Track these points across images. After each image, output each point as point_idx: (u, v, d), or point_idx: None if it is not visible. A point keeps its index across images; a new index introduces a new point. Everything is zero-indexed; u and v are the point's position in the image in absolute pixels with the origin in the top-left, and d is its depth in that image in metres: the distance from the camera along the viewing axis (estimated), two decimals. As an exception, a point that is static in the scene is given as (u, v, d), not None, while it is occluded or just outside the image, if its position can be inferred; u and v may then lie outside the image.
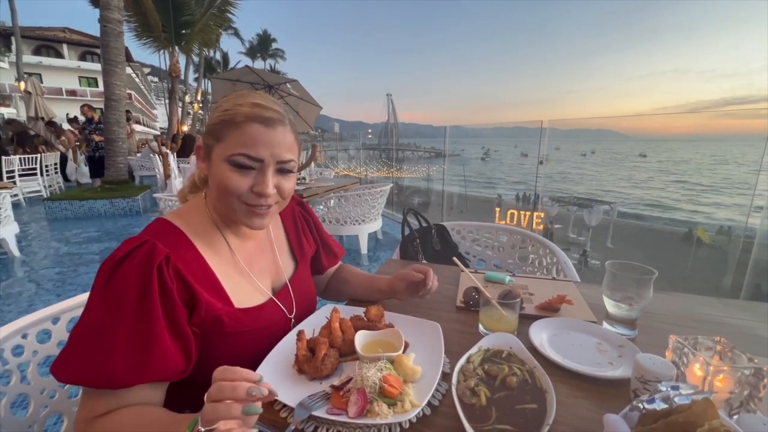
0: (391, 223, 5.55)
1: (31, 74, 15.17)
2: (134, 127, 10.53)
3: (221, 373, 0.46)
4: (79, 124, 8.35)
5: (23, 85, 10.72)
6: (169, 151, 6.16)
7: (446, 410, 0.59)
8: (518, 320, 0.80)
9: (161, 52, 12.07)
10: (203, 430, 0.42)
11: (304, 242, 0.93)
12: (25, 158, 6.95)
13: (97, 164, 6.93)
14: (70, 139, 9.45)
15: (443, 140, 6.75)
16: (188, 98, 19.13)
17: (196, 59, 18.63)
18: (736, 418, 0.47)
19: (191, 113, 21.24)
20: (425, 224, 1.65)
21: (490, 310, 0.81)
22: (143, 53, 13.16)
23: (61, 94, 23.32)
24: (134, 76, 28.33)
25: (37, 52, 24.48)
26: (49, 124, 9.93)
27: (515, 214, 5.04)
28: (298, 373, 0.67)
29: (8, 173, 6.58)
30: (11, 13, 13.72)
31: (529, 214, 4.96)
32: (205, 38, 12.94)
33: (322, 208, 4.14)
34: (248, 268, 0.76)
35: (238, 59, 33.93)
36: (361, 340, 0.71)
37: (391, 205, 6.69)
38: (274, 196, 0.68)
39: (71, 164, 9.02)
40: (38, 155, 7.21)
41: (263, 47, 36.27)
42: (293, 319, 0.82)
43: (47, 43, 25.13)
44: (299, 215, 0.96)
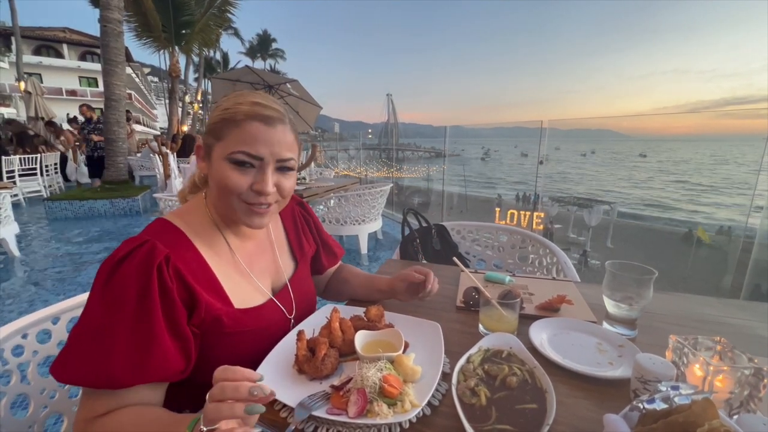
0: (391, 223, 5.55)
1: (31, 74, 15.17)
2: (134, 127, 10.54)
3: (222, 372, 0.46)
4: (78, 124, 8.35)
5: (23, 85, 10.72)
6: (169, 151, 6.16)
7: (446, 410, 0.59)
8: (518, 320, 0.80)
9: (161, 52, 12.07)
10: (205, 429, 0.43)
11: (304, 242, 0.93)
12: (25, 158, 6.95)
13: (95, 164, 6.93)
14: (69, 139, 9.46)
15: (443, 140, 6.75)
16: (188, 98, 19.13)
17: (196, 59, 18.64)
18: (736, 418, 0.47)
19: (191, 113, 21.25)
20: (425, 224, 1.65)
21: (490, 310, 0.81)
22: (143, 53, 13.18)
23: (61, 94, 23.32)
24: (134, 76, 28.34)
25: (37, 52, 24.48)
26: (48, 124, 9.93)
27: (515, 214, 5.04)
28: (298, 373, 0.67)
29: (8, 173, 6.57)
30: (11, 13, 13.73)
31: (529, 214, 4.96)
32: (205, 38, 12.94)
33: (322, 208, 4.14)
34: (248, 268, 0.76)
35: (238, 59, 34.01)
36: (361, 340, 0.71)
37: (391, 205, 6.69)
38: (273, 194, 0.68)
39: (71, 164, 9.02)
40: (38, 155, 7.20)
41: (263, 47, 36.29)
42: (293, 319, 0.82)
43: (47, 43, 25.14)
44: (299, 215, 0.96)
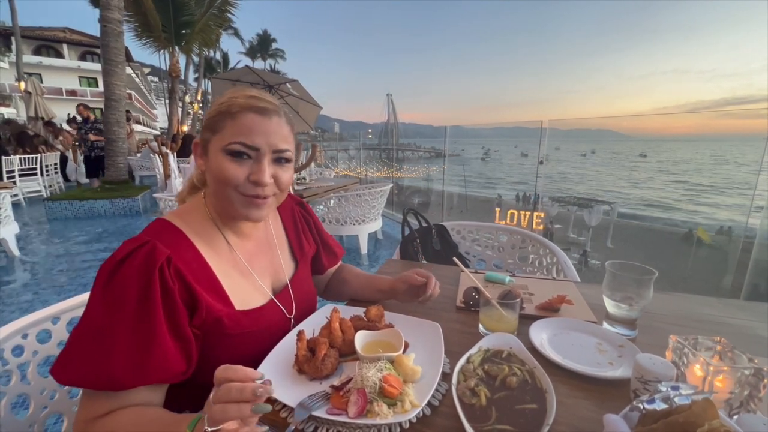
0: (391, 223, 5.54)
1: (31, 74, 15.17)
2: (134, 127, 10.54)
3: (223, 372, 0.46)
4: (77, 123, 8.36)
5: (23, 85, 10.71)
6: (169, 151, 6.16)
7: (446, 410, 0.59)
8: (518, 320, 0.80)
9: (161, 52, 12.06)
10: (210, 429, 0.43)
11: (304, 242, 0.93)
12: (25, 158, 6.95)
13: (93, 164, 6.93)
14: (67, 139, 9.46)
15: (443, 140, 6.74)
16: (188, 98, 19.13)
17: (196, 59, 18.63)
18: (736, 418, 0.47)
19: (191, 113, 21.24)
20: (425, 224, 1.64)
21: (490, 310, 0.81)
22: (143, 53, 13.17)
23: (61, 94, 23.31)
24: (134, 76, 28.33)
25: (37, 52, 24.47)
26: (47, 124, 9.94)
27: (515, 214, 5.03)
28: (298, 373, 0.67)
29: (8, 173, 6.57)
30: (11, 13, 13.72)
31: (529, 214, 4.95)
32: (205, 38, 12.94)
33: (322, 208, 4.14)
34: (248, 267, 0.76)
35: (238, 59, 33.99)
36: (361, 340, 0.71)
37: (391, 205, 6.69)
38: (271, 186, 0.68)
39: (71, 164, 9.02)
40: (38, 155, 7.21)
41: (263, 47, 36.28)
42: (293, 319, 0.81)
43: (47, 43, 25.12)
44: (299, 215, 0.96)
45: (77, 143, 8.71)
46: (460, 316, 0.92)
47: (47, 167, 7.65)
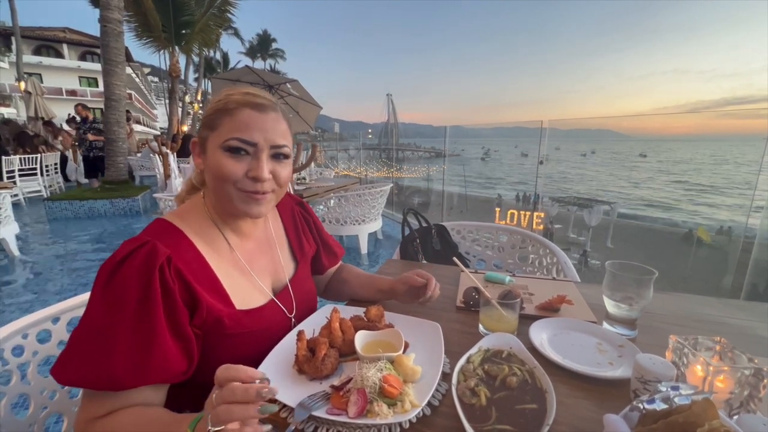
0: (391, 223, 5.55)
1: (31, 74, 15.16)
2: (134, 127, 10.54)
3: (225, 371, 0.46)
4: (76, 123, 8.37)
5: (23, 85, 10.72)
6: (169, 151, 6.16)
7: (446, 410, 0.59)
8: (518, 320, 0.80)
9: (161, 52, 12.06)
10: (213, 430, 0.43)
11: (304, 242, 0.93)
12: (25, 158, 6.95)
13: (91, 164, 6.92)
14: (66, 139, 9.46)
15: (443, 140, 6.74)
16: (188, 98, 19.12)
17: (196, 59, 18.62)
18: (736, 418, 0.47)
19: (191, 113, 21.24)
20: (425, 224, 1.64)
21: (490, 310, 0.81)
22: (143, 53, 13.17)
23: (61, 94, 23.28)
24: (134, 76, 28.32)
25: (37, 52, 24.46)
26: (46, 124, 9.93)
27: (515, 214, 5.04)
28: (298, 373, 0.67)
29: (8, 173, 6.58)
30: (11, 13, 13.72)
31: (529, 214, 4.95)
32: (205, 38, 12.93)
33: (322, 208, 4.14)
34: (248, 266, 0.76)
35: (238, 59, 33.98)
36: (361, 340, 0.71)
37: (391, 205, 6.69)
38: (270, 182, 0.68)
39: (71, 164, 9.03)
40: (38, 155, 7.21)
41: (263, 47, 36.27)
42: (293, 319, 0.81)
43: (47, 43, 25.11)
44: (299, 215, 0.96)
45: (76, 143, 8.72)
46: (460, 316, 0.92)
47: (47, 167, 7.65)
